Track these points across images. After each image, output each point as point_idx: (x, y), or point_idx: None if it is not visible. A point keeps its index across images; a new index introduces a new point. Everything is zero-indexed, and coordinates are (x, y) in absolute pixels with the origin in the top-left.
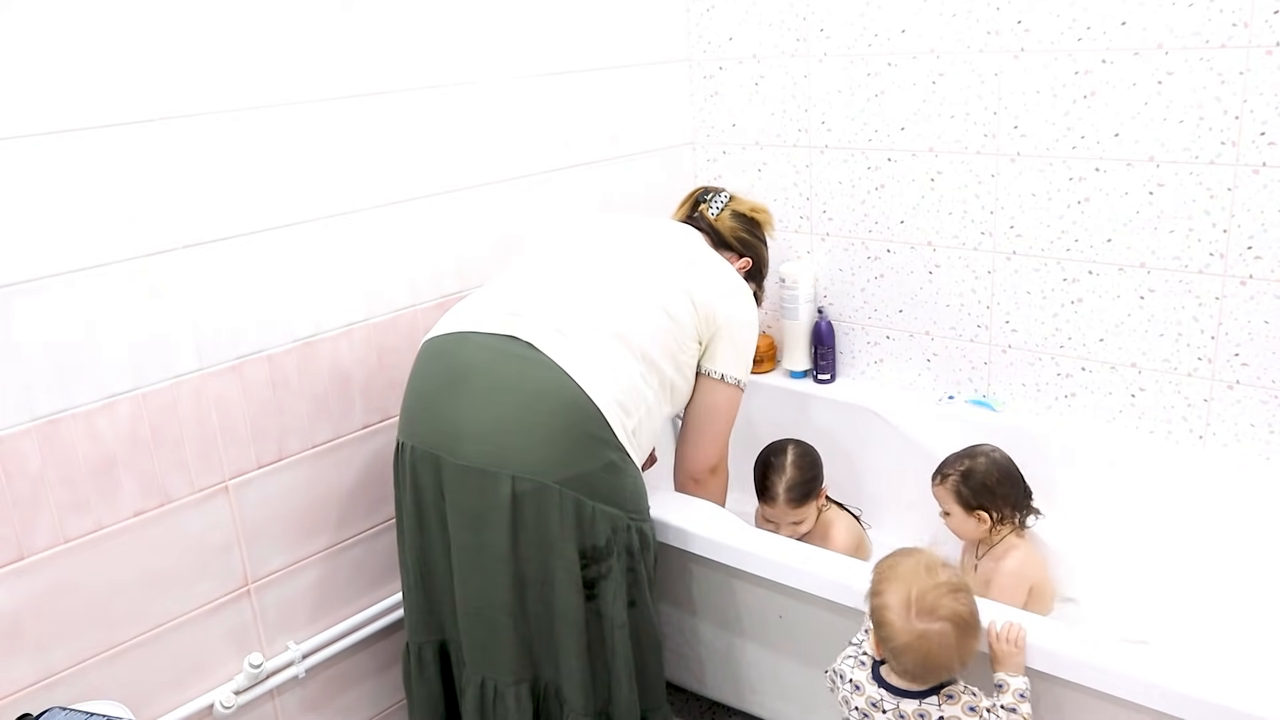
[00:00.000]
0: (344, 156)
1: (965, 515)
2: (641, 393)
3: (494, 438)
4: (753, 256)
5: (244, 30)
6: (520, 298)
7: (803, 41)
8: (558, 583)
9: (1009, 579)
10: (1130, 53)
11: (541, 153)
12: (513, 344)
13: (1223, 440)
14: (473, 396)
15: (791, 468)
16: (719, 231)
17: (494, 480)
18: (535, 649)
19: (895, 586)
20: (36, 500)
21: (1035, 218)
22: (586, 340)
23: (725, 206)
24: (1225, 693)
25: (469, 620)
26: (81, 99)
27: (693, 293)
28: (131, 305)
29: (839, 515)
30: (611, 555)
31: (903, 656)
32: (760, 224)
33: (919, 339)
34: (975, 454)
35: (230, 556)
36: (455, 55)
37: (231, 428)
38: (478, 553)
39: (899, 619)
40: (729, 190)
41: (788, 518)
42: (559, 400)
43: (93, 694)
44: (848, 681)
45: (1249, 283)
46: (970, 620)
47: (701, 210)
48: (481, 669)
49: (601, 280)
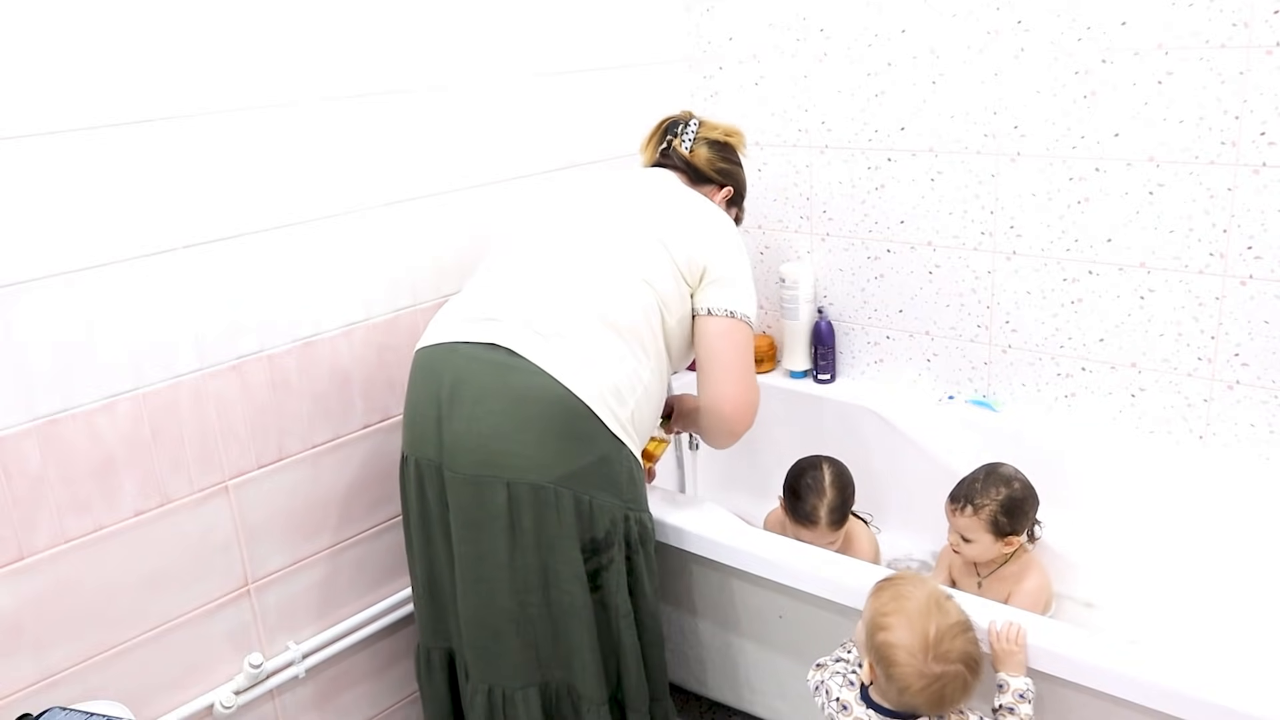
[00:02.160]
0: (344, 156)
1: (993, 542)
2: (635, 374)
3: (486, 447)
4: (733, 184)
5: (244, 30)
6: (497, 300)
7: (803, 41)
8: (562, 580)
9: (1031, 599)
10: (1130, 53)
11: (542, 153)
12: (494, 352)
13: (1223, 440)
14: (463, 409)
15: (830, 489)
16: (696, 167)
17: (490, 488)
18: (542, 652)
19: (906, 624)
20: (36, 500)
21: (1035, 218)
22: (568, 336)
23: (697, 136)
24: (1225, 693)
25: (472, 630)
26: (81, 99)
27: (674, 252)
28: (131, 305)
29: (855, 524)
30: (612, 546)
31: (914, 697)
32: (735, 147)
33: (919, 339)
34: (1006, 479)
35: (230, 556)
36: (456, 55)
37: (231, 428)
38: (478, 562)
39: (914, 660)
40: (696, 115)
41: (825, 539)
42: (544, 402)
43: (93, 694)
44: (834, 700)
45: (1249, 283)
46: (980, 659)
47: (674, 145)
48: (488, 677)
49: (577, 265)
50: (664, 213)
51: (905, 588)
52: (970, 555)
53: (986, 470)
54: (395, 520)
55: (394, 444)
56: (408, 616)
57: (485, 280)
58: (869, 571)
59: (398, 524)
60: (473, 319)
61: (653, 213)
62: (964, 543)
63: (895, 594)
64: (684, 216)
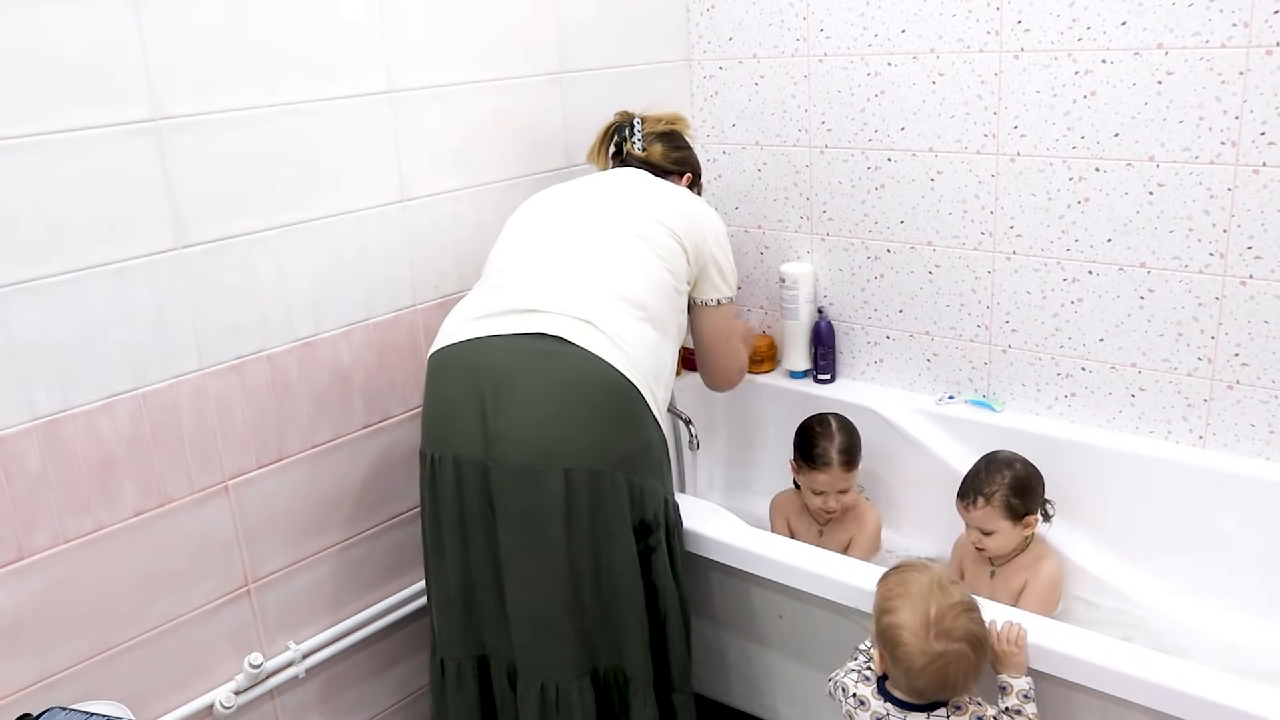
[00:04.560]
0: (344, 156)
1: (1013, 527)
2: (663, 358)
3: (546, 437)
4: (689, 169)
5: (245, 30)
6: (533, 293)
7: (803, 41)
8: (616, 563)
9: (1048, 586)
10: (1130, 53)
11: (542, 153)
12: (543, 341)
13: (1223, 440)
14: (517, 400)
15: (840, 432)
16: (653, 163)
17: (546, 477)
18: (594, 639)
19: (909, 605)
20: (36, 500)
21: (1035, 218)
22: (610, 322)
23: (644, 134)
24: (1225, 693)
25: (524, 627)
26: (81, 99)
27: (679, 234)
28: (131, 305)
29: (864, 501)
30: (659, 528)
31: (918, 677)
32: (680, 132)
33: (919, 339)
34: (1007, 462)
35: (230, 556)
36: (456, 56)
37: (231, 428)
38: (531, 554)
39: (916, 639)
40: (635, 112)
41: (839, 484)
42: (601, 387)
43: (93, 694)
44: (851, 696)
45: (1249, 283)
46: (985, 639)
47: (628, 149)
48: (540, 674)
49: (599, 254)
50: (662, 203)
51: (909, 573)
52: (994, 549)
53: (985, 460)
54: (396, 520)
55: (394, 443)
56: (408, 616)
57: (507, 278)
58: (869, 571)
59: (398, 524)
60: (508, 312)
61: (652, 204)
62: (985, 537)
63: (900, 579)
64: (679, 206)
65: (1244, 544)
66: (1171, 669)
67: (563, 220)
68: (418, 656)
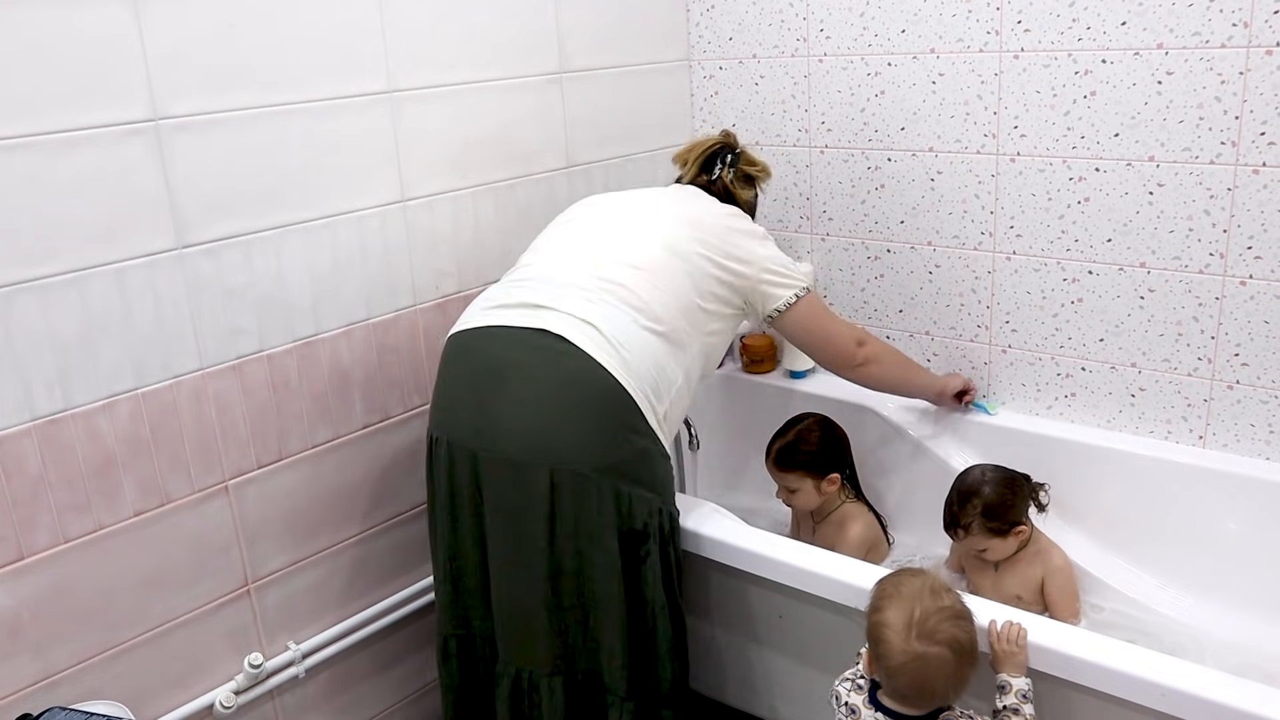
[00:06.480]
0: (344, 156)
1: (1004, 541)
2: (673, 378)
3: (532, 432)
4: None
5: (245, 30)
6: (545, 291)
7: (803, 41)
8: (597, 570)
9: (1065, 577)
10: (1130, 53)
11: (542, 153)
12: (544, 338)
13: (1223, 440)
14: (509, 392)
15: (789, 431)
16: (734, 196)
17: (532, 473)
18: (572, 640)
19: (897, 605)
20: (36, 500)
21: (1035, 218)
22: (616, 331)
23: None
24: (1225, 693)
25: (504, 614)
26: (81, 99)
27: (721, 261)
28: (131, 305)
29: (862, 513)
30: (650, 539)
31: (897, 677)
32: (763, 182)
33: (919, 339)
34: (975, 488)
35: (230, 556)
36: (456, 56)
37: (231, 428)
38: (514, 547)
39: (898, 638)
40: (736, 143)
41: (779, 481)
42: (594, 390)
43: (93, 694)
44: (844, 705)
45: (1249, 283)
46: (970, 648)
47: (722, 175)
48: (516, 661)
49: (624, 265)
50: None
51: (905, 576)
52: (995, 559)
53: (955, 489)
54: (396, 520)
55: (394, 443)
56: (409, 616)
57: (530, 273)
58: (868, 571)
59: (398, 523)
60: (519, 305)
61: (698, 224)
62: (982, 553)
63: (895, 581)
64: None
65: (1244, 544)
66: (1171, 669)
67: (600, 226)
68: (418, 656)
